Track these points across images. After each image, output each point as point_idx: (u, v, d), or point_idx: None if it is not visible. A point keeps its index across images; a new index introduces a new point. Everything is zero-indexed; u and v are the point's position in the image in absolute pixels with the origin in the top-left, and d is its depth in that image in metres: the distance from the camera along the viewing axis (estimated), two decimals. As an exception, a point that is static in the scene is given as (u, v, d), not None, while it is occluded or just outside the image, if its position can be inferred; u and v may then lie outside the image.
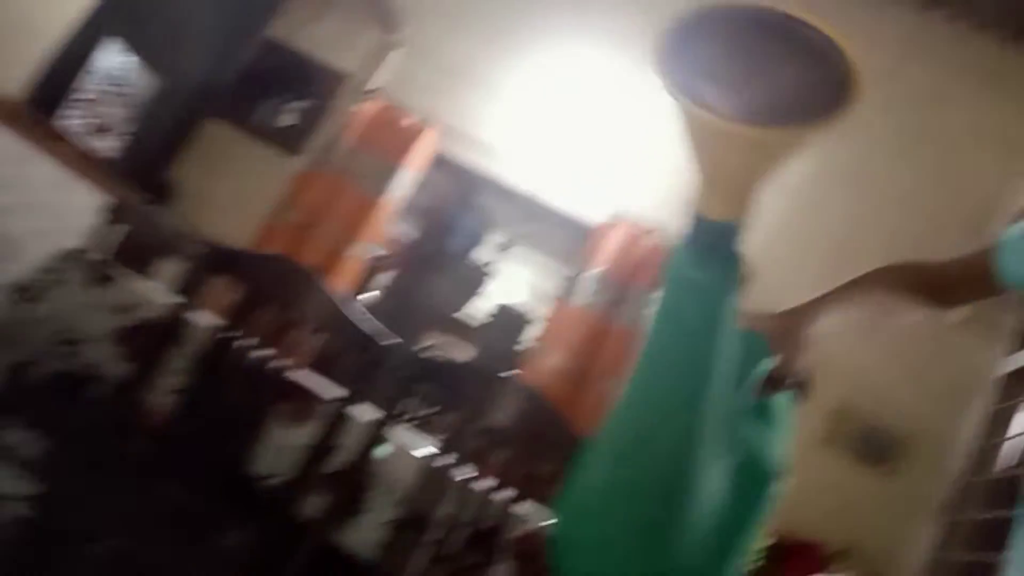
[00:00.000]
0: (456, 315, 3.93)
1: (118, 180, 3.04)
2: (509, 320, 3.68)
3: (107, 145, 3.10)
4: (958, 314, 2.83)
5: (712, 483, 0.64)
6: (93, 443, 1.56)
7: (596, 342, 2.95)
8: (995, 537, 2.23)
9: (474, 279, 3.78)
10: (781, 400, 0.77)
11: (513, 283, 3.85)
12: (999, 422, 2.59)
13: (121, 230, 2.12)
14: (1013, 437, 2.47)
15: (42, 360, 1.79)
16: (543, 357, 2.98)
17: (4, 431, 1.90)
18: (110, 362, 1.60)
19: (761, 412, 0.75)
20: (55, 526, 1.62)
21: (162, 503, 1.46)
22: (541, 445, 1.43)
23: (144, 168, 3.34)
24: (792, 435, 0.81)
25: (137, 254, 2.19)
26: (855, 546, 2.53)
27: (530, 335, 3.33)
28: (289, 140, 3.50)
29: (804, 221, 3.10)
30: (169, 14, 3.15)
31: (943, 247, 2.90)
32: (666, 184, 3.18)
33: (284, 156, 3.47)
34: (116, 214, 2.08)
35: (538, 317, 3.38)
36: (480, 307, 3.94)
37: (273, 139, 3.51)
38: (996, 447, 2.53)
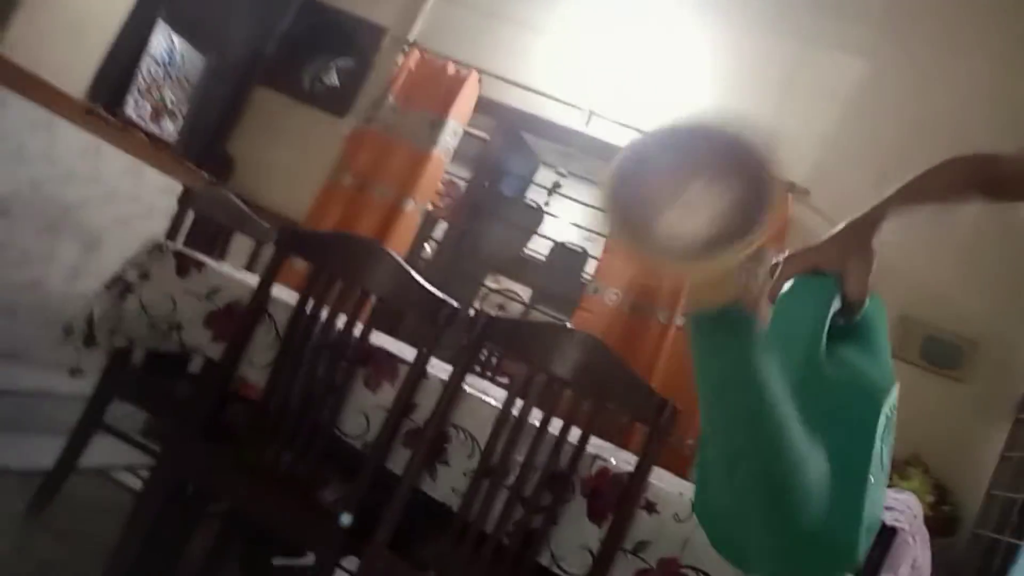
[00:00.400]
0: (516, 256, 4.01)
1: (182, 162, 3.19)
2: (566, 258, 3.75)
3: (168, 128, 3.25)
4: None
5: (820, 450, 0.61)
6: (199, 415, 1.72)
7: (651, 275, 3.00)
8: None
9: (530, 220, 3.84)
10: (869, 312, 0.72)
11: (568, 221, 3.90)
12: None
13: (195, 213, 2.26)
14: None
15: (143, 347, 1.97)
16: (601, 293, 3.06)
17: (113, 408, 2.11)
18: (206, 344, 1.75)
19: (853, 337, 0.71)
20: (173, 489, 1.82)
21: (268, 465, 1.63)
22: (605, 391, 1.52)
23: (204, 146, 3.49)
24: (887, 340, 0.75)
25: (212, 236, 2.33)
26: (926, 452, 2.58)
27: (588, 271, 3.39)
28: (336, 102, 3.58)
29: (861, 132, 3.03)
30: (208, -9, 3.22)
31: (1001, 146, 2.82)
32: (711, 108, 3.15)
33: (333, 118, 3.56)
34: (188, 199, 2.21)
35: (594, 253, 3.44)
36: (538, 247, 4.02)
37: (321, 102, 3.60)
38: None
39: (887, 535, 1.51)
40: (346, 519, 1.54)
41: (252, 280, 1.77)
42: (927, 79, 3.00)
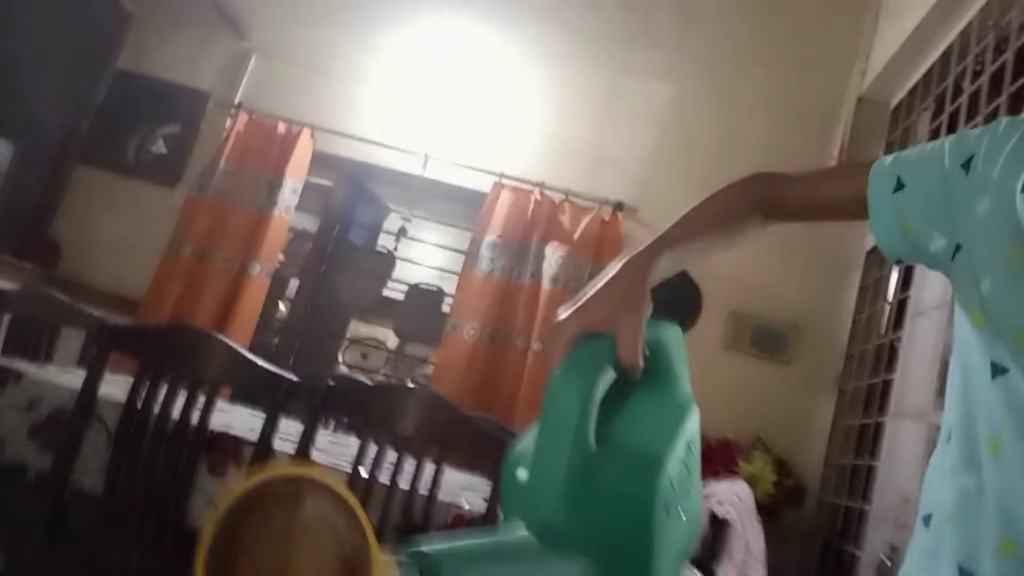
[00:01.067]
0: (376, 301, 4.03)
1: (1, 254, 3.00)
2: (423, 298, 3.81)
3: (-22, 222, 3.05)
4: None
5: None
6: (39, 522, 1.64)
7: (505, 305, 3.11)
8: (882, 400, 2.53)
9: (382, 266, 3.87)
10: (661, 345, 0.70)
11: (418, 262, 3.96)
12: (873, 294, 2.87)
13: (14, 314, 2.14)
14: (888, 303, 2.75)
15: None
16: (459, 329, 3.13)
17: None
18: (33, 456, 1.67)
19: (645, 378, 0.68)
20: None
21: (117, 565, 1.57)
22: (450, 442, 1.58)
23: (23, 235, 3.29)
24: (684, 369, 0.71)
25: (37, 335, 2.22)
26: (766, 433, 2.81)
27: (445, 308, 3.46)
28: (165, 171, 3.48)
29: (677, 149, 3.27)
30: (5, 75, 3.05)
31: (803, 147, 3.11)
32: (542, 139, 3.32)
33: (164, 188, 3.46)
34: (3, 302, 2.10)
35: (449, 291, 3.51)
36: (396, 290, 4.05)
37: (149, 174, 3.49)
38: (872, 317, 2.82)
39: (719, 526, 1.66)
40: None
41: (79, 381, 1.71)
42: (726, 95, 3.30)
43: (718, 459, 2.65)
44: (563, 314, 0.68)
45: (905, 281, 2.56)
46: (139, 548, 1.58)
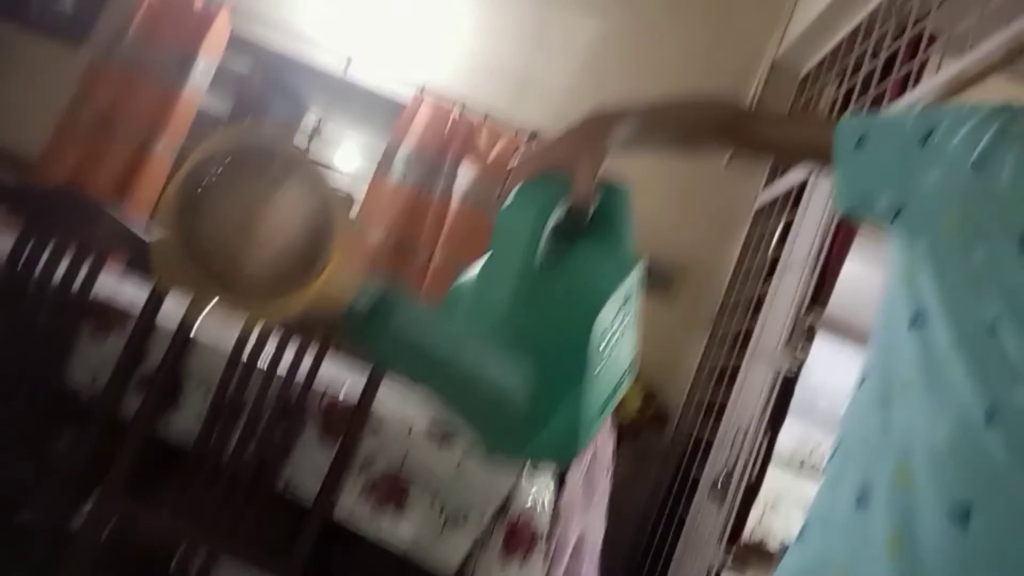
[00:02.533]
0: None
1: None
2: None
3: None
4: (723, 154, 3.26)
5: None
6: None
7: (413, 216, 3.16)
8: (743, 344, 2.76)
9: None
10: (610, 203, 0.72)
11: (331, 166, 3.93)
12: (755, 249, 3.08)
13: None
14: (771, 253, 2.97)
15: None
16: (366, 234, 3.18)
17: None
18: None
19: (593, 231, 0.71)
20: None
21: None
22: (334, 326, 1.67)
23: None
24: (630, 227, 0.75)
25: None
26: (639, 364, 3.02)
27: (353, 213, 3.48)
28: (70, 30, 3.29)
29: (596, 86, 3.34)
30: None
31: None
32: (468, 58, 3.32)
33: (69, 49, 3.28)
34: None
35: (356, 196, 3.53)
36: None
37: (52, 31, 3.29)
38: (749, 270, 3.04)
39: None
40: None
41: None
42: (650, 39, 3.37)
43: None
44: (520, 160, 0.71)
45: (781, 239, 2.77)
46: (14, 407, 1.61)
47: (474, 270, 0.69)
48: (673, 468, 2.97)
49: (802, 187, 2.69)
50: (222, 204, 0.50)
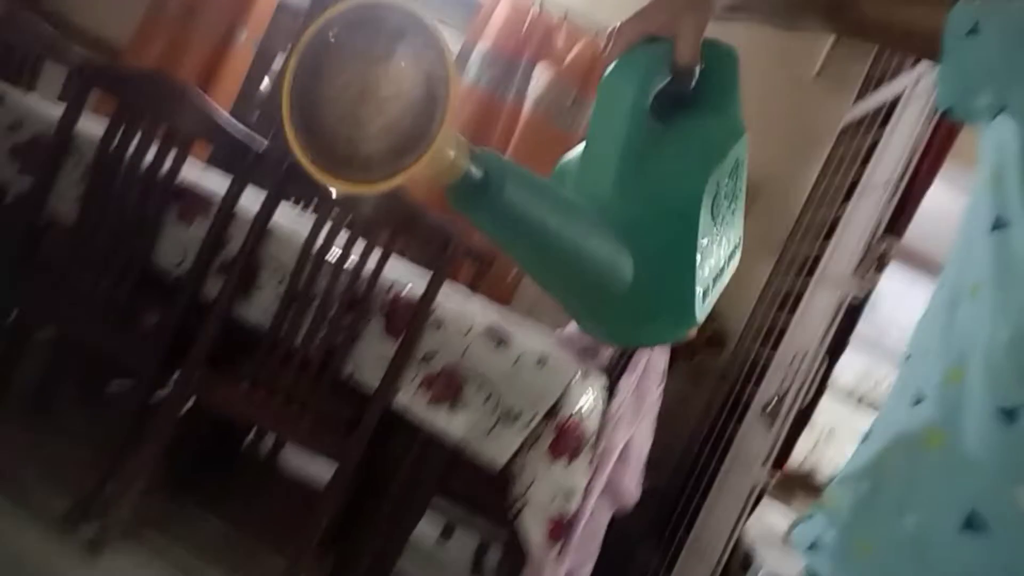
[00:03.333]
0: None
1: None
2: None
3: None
4: (814, 66, 3.09)
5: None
6: (12, 244, 1.78)
7: (484, 120, 3.15)
8: (812, 267, 2.71)
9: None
10: (716, 66, 0.70)
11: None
12: (835, 170, 2.97)
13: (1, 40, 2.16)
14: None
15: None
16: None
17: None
18: (12, 176, 1.78)
19: (699, 95, 0.68)
20: None
21: (86, 292, 1.74)
22: (403, 227, 1.71)
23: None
24: (737, 90, 0.73)
25: (19, 63, 2.24)
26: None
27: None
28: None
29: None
30: None
31: None
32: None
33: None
34: (-12, 23, 2.10)
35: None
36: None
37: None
38: (826, 190, 2.93)
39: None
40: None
41: (59, 112, 1.78)
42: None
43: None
44: (617, 26, 0.66)
45: (864, 160, 2.65)
46: (104, 280, 1.74)
47: (578, 148, 0.67)
48: (727, 389, 2.99)
49: (894, 103, 2.54)
50: (339, 72, 0.49)
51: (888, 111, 2.62)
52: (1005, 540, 0.60)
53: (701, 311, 0.65)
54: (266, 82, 3.79)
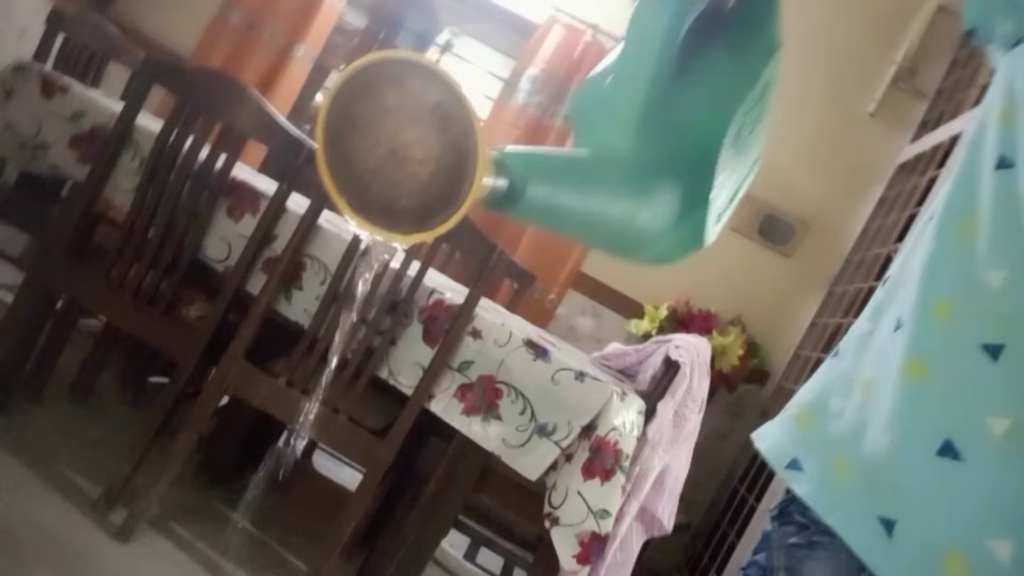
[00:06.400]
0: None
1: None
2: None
3: (40, -57, 3.06)
4: (870, 104, 3.04)
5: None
6: (67, 232, 1.82)
7: (533, 140, 3.16)
8: (862, 305, 2.63)
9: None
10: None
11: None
12: (889, 207, 2.90)
13: (66, 36, 2.23)
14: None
15: (14, 166, 2.01)
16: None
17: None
18: (71, 165, 1.82)
19: (736, 16, 0.68)
20: (42, 302, 1.94)
21: (133, 282, 1.76)
22: (445, 240, 1.71)
23: (82, -33, 3.30)
24: (776, 10, 0.71)
25: (85, 62, 2.32)
26: (748, 314, 2.95)
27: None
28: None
29: None
30: None
31: (866, 42, 3.01)
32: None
33: (225, -49, 3.42)
34: (57, 20, 2.18)
35: (481, 114, 3.55)
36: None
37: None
38: (880, 228, 2.86)
39: (672, 368, 1.82)
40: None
41: (120, 106, 1.83)
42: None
43: (695, 327, 2.80)
44: None
45: (921, 199, 2.59)
46: (154, 271, 1.76)
47: (607, 62, 0.67)
48: (768, 423, 2.90)
49: (953, 142, 2.48)
50: (371, 127, 0.50)
51: (946, 151, 2.56)
52: (977, 467, 0.61)
53: (711, 234, 0.68)
54: (319, 98, 3.87)
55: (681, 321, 2.74)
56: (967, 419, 0.62)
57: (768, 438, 0.75)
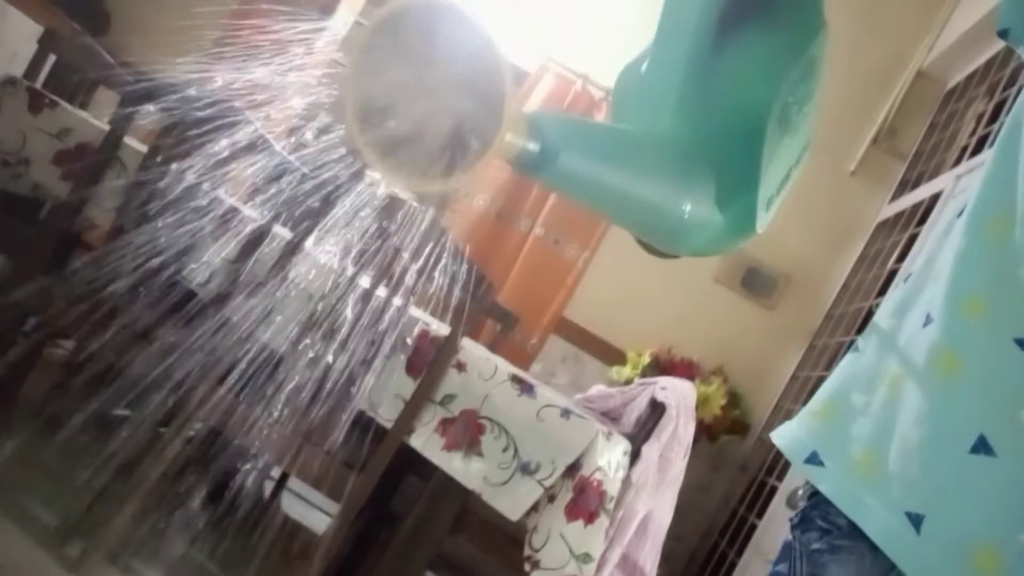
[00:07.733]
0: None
1: (52, 8, 3.05)
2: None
3: (38, -29, 3.08)
4: (851, 163, 3.10)
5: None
6: (45, 256, 1.77)
7: (519, 186, 3.17)
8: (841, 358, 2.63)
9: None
10: None
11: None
12: (870, 263, 2.93)
13: (56, 58, 2.22)
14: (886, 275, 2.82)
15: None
16: (471, 197, 3.21)
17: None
18: (53, 182, 1.79)
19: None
20: (13, 322, 1.88)
21: (108, 310, 1.71)
22: (436, 270, 1.69)
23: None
24: None
25: (75, 85, 2.30)
26: (730, 365, 2.94)
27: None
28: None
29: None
30: None
31: (848, 106, 3.09)
32: (595, 33, 3.29)
33: (220, -13, 3.46)
34: (48, 41, 2.16)
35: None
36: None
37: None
38: (860, 283, 2.89)
39: (657, 410, 1.80)
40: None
41: (107, 127, 1.81)
42: None
43: (678, 375, 2.78)
44: None
45: (901, 255, 2.62)
46: (128, 295, 1.71)
47: (642, 54, 0.65)
48: (750, 476, 2.87)
49: (933, 201, 2.53)
50: (397, 69, 0.49)
51: (926, 210, 2.61)
52: (1010, 461, 0.60)
53: (762, 222, 0.64)
54: (310, 134, 3.88)
55: (663, 369, 2.72)
56: (1000, 413, 0.61)
57: (786, 435, 0.73)
